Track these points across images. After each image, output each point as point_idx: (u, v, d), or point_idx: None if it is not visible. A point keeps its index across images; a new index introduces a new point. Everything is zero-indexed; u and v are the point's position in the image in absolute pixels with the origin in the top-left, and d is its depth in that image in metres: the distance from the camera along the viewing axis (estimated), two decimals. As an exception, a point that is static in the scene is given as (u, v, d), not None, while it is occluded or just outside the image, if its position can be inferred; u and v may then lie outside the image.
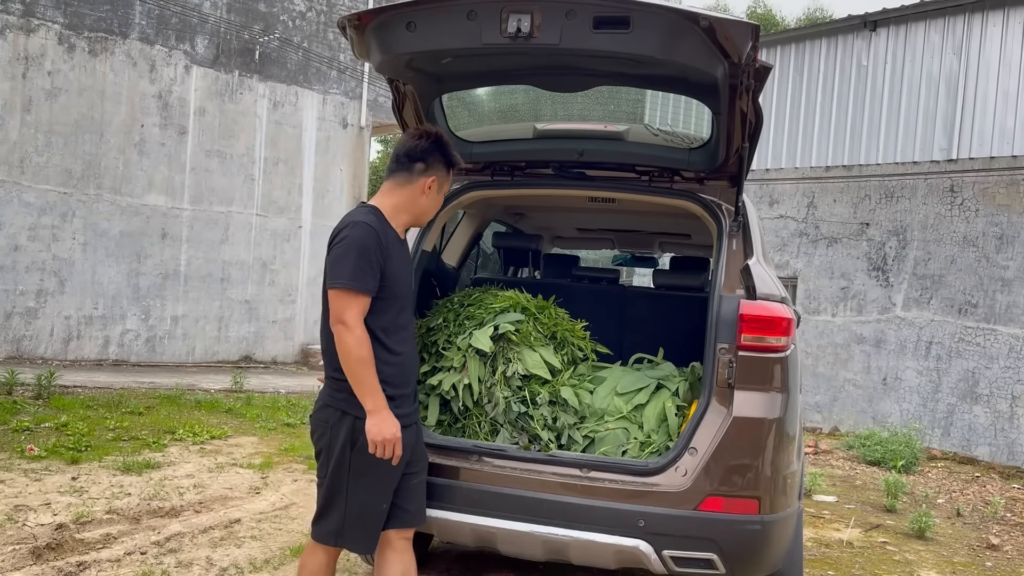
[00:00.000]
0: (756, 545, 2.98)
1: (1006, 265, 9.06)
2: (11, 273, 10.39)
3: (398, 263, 2.81)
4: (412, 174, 2.87)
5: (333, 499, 2.82)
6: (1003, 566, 5.33)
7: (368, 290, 2.69)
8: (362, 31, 3.05)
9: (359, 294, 2.67)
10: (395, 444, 2.70)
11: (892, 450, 8.28)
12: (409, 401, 2.88)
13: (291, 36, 13.32)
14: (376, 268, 2.70)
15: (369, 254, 2.68)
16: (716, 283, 3.20)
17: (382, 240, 2.74)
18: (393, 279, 2.78)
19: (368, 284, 2.69)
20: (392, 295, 2.79)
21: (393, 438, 2.69)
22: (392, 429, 2.69)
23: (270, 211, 13.09)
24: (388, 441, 2.68)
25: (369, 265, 2.68)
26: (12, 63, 10.36)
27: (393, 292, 2.79)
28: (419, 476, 2.99)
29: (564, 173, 3.80)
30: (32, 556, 3.99)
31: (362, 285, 2.67)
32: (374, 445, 2.68)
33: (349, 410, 2.76)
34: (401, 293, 2.84)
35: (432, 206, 2.96)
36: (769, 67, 2.98)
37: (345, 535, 2.82)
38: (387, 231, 2.80)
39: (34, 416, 7.00)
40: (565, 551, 3.07)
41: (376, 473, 2.77)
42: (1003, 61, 9.29)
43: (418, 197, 2.88)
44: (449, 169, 2.95)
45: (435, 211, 3.02)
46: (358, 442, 2.74)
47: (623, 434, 3.37)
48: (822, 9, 29.05)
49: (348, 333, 2.65)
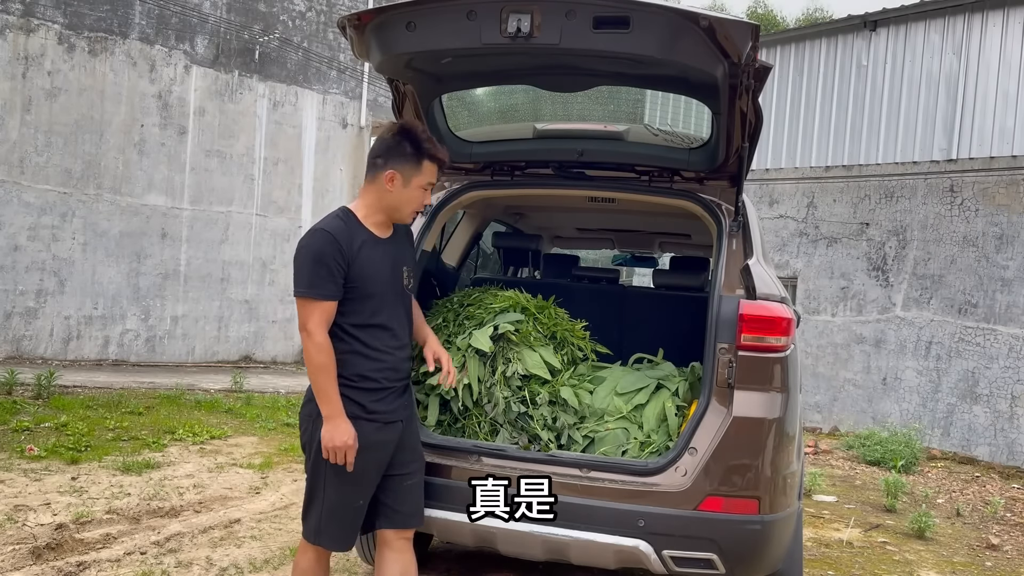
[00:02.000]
0: (756, 545, 2.98)
1: (1006, 265, 9.06)
2: (11, 273, 10.38)
3: (369, 262, 2.78)
4: (375, 171, 2.87)
5: (312, 496, 2.84)
6: (1003, 566, 5.33)
7: (327, 296, 2.70)
8: (362, 31, 3.05)
9: (318, 301, 2.69)
10: (346, 451, 2.70)
11: (892, 450, 8.28)
12: (393, 398, 2.85)
13: (291, 36, 13.32)
14: (336, 272, 2.70)
15: (325, 259, 2.69)
16: (716, 283, 3.20)
17: (342, 243, 2.72)
18: (362, 279, 2.76)
19: (326, 290, 2.70)
20: (363, 295, 2.77)
21: (344, 445, 2.69)
22: (343, 436, 2.69)
23: (270, 211, 13.09)
24: (339, 448, 2.69)
25: (327, 271, 2.69)
26: (12, 63, 10.35)
27: (364, 292, 2.77)
28: (413, 477, 2.96)
29: (564, 173, 3.80)
30: (32, 556, 3.99)
31: (320, 292, 2.69)
32: (325, 451, 2.70)
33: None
34: (374, 292, 2.80)
35: (403, 199, 2.85)
36: (769, 67, 2.98)
37: (323, 532, 2.83)
38: (355, 232, 2.79)
39: (34, 416, 7.00)
40: (565, 551, 3.07)
41: (352, 471, 2.75)
42: (1003, 61, 9.29)
43: (383, 193, 2.84)
44: (420, 160, 2.84)
45: (413, 205, 2.89)
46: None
47: (623, 434, 3.37)
48: (821, 9, 29.06)
49: (309, 340, 2.69)
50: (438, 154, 2.88)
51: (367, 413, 2.77)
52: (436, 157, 2.87)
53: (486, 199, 4.12)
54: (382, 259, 2.84)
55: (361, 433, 2.75)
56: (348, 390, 2.75)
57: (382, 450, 2.82)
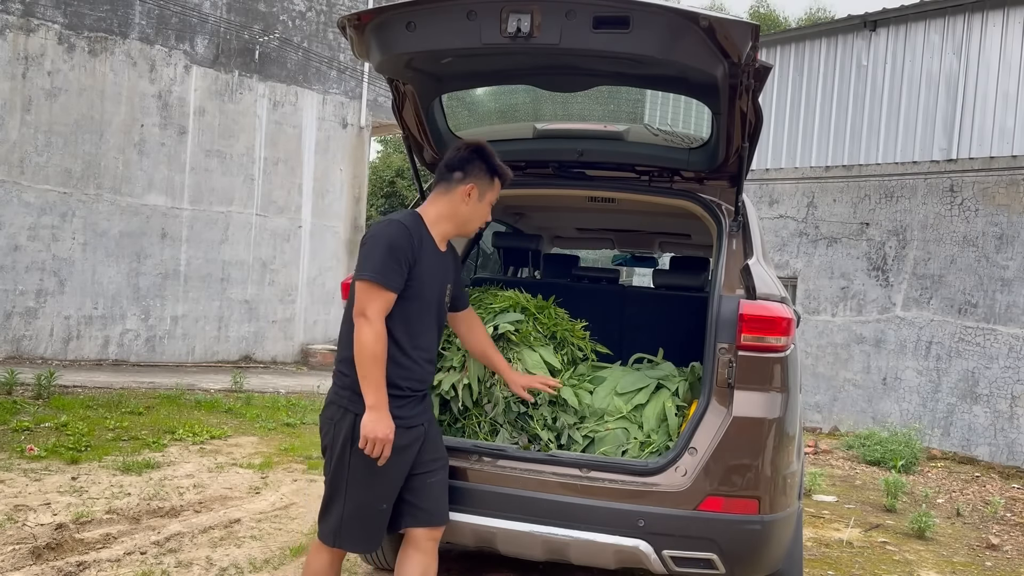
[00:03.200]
0: (756, 545, 2.98)
1: (1006, 265, 9.06)
2: (11, 273, 10.38)
3: (427, 268, 2.84)
4: (451, 183, 2.96)
5: (333, 497, 2.83)
6: (1003, 566, 5.33)
7: (393, 287, 2.73)
8: (362, 31, 3.05)
9: (384, 289, 2.71)
10: (385, 444, 2.71)
11: (892, 450, 8.28)
12: (414, 404, 2.88)
13: (291, 36, 13.32)
14: (404, 267, 2.75)
15: (398, 252, 2.74)
16: (716, 283, 3.20)
17: (414, 239, 2.79)
18: (419, 281, 2.80)
19: (394, 281, 2.73)
20: (414, 296, 2.81)
21: (385, 438, 2.69)
22: (385, 430, 2.70)
23: (270, 211, 13.09)
24: (379, 440, 2.69)
25: (397, 262, 2.73)
26: (12, 63, 10.35)
27: (416, 293, 2.81)
28: (437, 475, 2.98)
29: (564, 173, 3.80)
30: (32, 556, 3.99)
31: (388, 281, 2.72)
32: (364, 440, 2.69)
33: (351, 407, 2.77)
34: (425, 297, 2.85)
35: (475, 214, 2.99)
36: (769, 67, 2.98)
37: (343, 535, 2.83)
38: (423, 235, 2.86)
39: (34, 416, 7.00)
40: (565, 551, 3.07)
41: (376, 472, 2.77)
42: (1003, 61, 9.29)
43: (459, 205, 2.95)
44: (493, 177, 3.00)
45: (480, 220, 3.04)
46: (358, 440, 2.74)
47: (623, 434, 3.37)
48: (824, 9, 29.05)
49: (367, 326, 2.69)
50: (508, 174, 3.04)
51: (392, 418, 2.77)
52: (506, 176, 3.04)
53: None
54: (435, 269, 2.91)
55: None
56: None
57: (406, 452, 2.83)
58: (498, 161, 3.01)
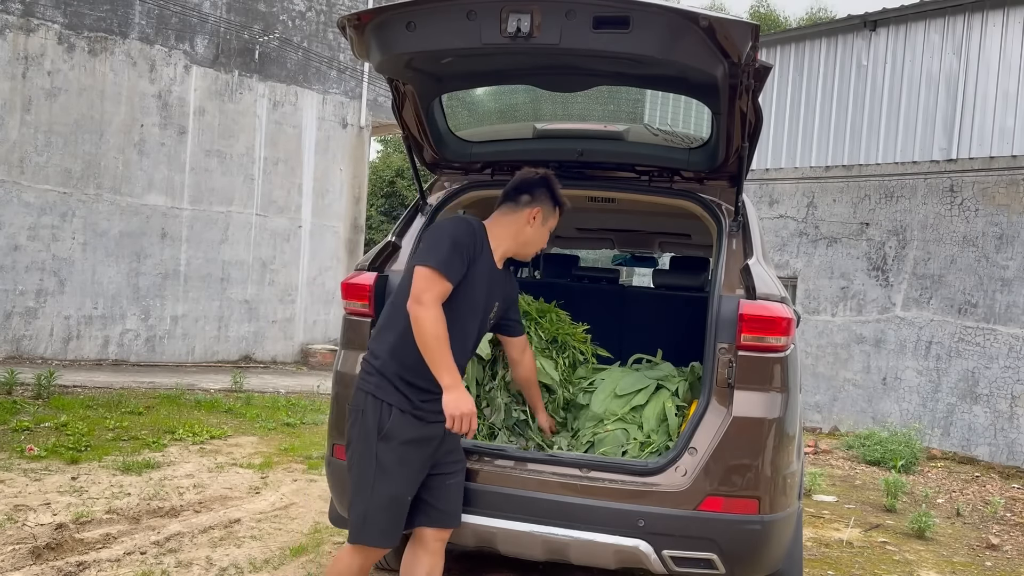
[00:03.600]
0: (756, 545, 2.98)
1: (1006, 265, 9.06)
2: (11, 273, 10.38)
3: (481, 275, 2.90)
4: (518, 205, 3.05)
5: (359, 489, 2.81)
6: (1003, 566, 5.33)
7: (452, 278, 2.77)
8: (362, 31, 3.04)
9: (444, 278, 2.75)
10: (471, 418, 2.76)
11: (892, 450, 8.28)
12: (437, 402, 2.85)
13: (291, 36, 13.32)
14: (465, 260, 2.81)
15: (462, 247, 2.80)
16: (716, 283, 3.20)
17: (477, 240, 2.87)
18: (470, 284, 2.85)
19: (454, 273, 2.77)
20: (461, 297, 2.84)
21: (470, 412, 2.75)
22: (467, 404, 2.76)
23: (270, 211, 13.09)
24: (465, 415, 2.75)
25: (460, 256, 2.79)
26: (12, 63, 10.35)
27: (464, 295, 2.84)
28: (455, 477, 2.99)
29: (564, 173, 3.80)
30: (32, 556, 3.99)
31: (449, 271, 2.76)
32: (451, 419, 2.75)
33: (379, 395, 2.79)
34: (471, 301, 2.89)
35: (537, 238, 3.07)
36: (769, 67, 2.98)
37: (367, 528, 2.81)
38: (485, 243, 2.93)
39: (34, 416, 7.00)
40: (565, 551, 3.07)
41: (404, 463, 2.78)
42: (1003, 61, 9.29)
43: (523, 226, 3.03)
44: (555, 206, 3.09)
45: (540, 244, 3.10)
46: (385, 429, 2.75)
47: (623, 434, 3.38)
48: (825, 9, 29.04)
49: (424, 311, 2.71)
50: (567, 205, 3.16)
51: (414, 409, 2.80)
52: (565, 207, 3.15)
53: (486, 199, 4.11)
54: (489, 280, 2.95)
55: (411, 427, 2.79)
56: (399, 381, 2.79)
57: (429, 445, 2.84)
58: (561, 192, 3.13)
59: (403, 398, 2.79)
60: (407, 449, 2.78)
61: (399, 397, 2.79)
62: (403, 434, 2.78)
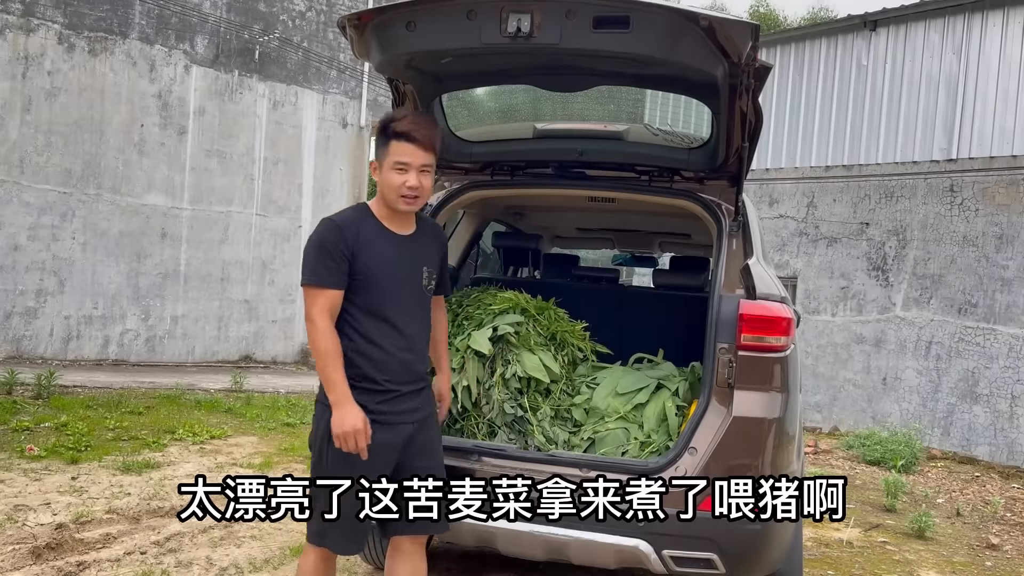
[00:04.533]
0: (756, 545, 2.98)
1: (1006, 265, 9.06)
2: (11, 273, 10.38)
3: (380, 257, 2.76)
4: None
5: (316, 496, 2.78)
6: (1003, 566, 5.33)
7: (331, 284, 2.69)
8: (362, 31, 3.05)
9: (320, 288, 2.69)
10: (357, 437, 2.64)
11: (892, 450, 8.27)
12: (400, 401, 2.79)
13: (291, 36, 13.32)
14: (340, 261, 2.69)
15: (330, 248, 2.69)
16: (716, 283, 3.20)
17: (348, 233, 2.72)
18: (370, 271, 2.73)
19: (330, 279, 2.69)
20: (371, 286, 2.74)
21: (353, 430, 2.63)
22: (352, 422, 2.63)
23: (270, 211, 13.09)
24: (348, 434, 2.64)
25: (331, 259, 2.69)
26: (12, 63, 10.35)
27: (372, 284, 2.74)
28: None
29: (564, 173, 3.80)
30: (32, 556, 3.99)
31: (323, 280, 2.69)
32: (336, 438, 2.67)
33: (327, 402, 2.73)
34: (385, 286, 2.76)
35: (381, 185, 2.79)
36: (769, 67, 2.98)
37: (327, 534, 2.78)
38: (365, 224, 2.78)
39: (34, 416, 7.00)
40: (565, 551, 3.07)
41: (352, 469, 2.70)
42: (1003, 61, 9.29)
43: (377, 183, 2.84)
44: (387, 139, 2.75)
45: (390, 188, 2.75)
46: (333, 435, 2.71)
47: (623, 434, 3.37)
48: (826, 8, 29.01)
49: (312, 327, 2.69)
50: (399, 128, 2.73)
51: (369, 413, 2.71)
52: (399, 132, 2.72)
53: (486, 199, 4.12)
54: (393, 254, 2.80)
55: None
56: (355, 391, 2.71)
57: (383, 452, 2.75)
58: (394, 122, 2.75)
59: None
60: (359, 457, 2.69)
61: None
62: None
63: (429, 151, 2.76)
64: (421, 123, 2.78)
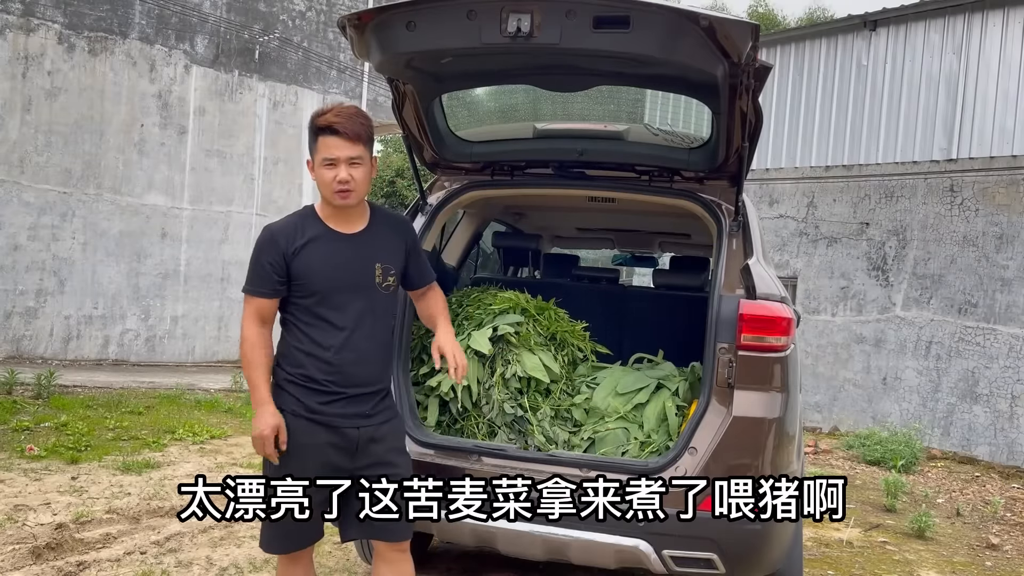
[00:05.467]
0: (756, 545, 2.98)
1: (1006, 265, 9.06)
2: (11, 273, 10.38)
3: (323, 258, 2.71)
4: None
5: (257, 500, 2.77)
6: (1003, 566, 5.33)
7: (261, 293, 2.71)
8: (362, 31, 3.04)
9: (252, 297, 2.73)
10: (266, 441, 2.61)
11: (892, 450, 8.27)
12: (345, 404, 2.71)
13: (291, 36, 13.32)
14: (272, 269, 2.68)
15: (261, 257, 2.71)
16: (716, 283, 3.20)
17: (281, 240, 2.70)
18: (305, 275, 2.69)
19: (261, 287, 2.70)
20: (315, 290, 2.70)
21: (263, 430, 2.60)
22: (263, 423, 2.61)
23: (270, 211, 13.08)
24: (257, 437, 2.62)
25: (262, 268, 2.70)
26: (12, 63, 10.35)
27: (315, 287, 2.70)
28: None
29: (564, 173, 3.80)
30: (32, 556, 3.99)
31: (254, 288, 2.72)
32: (252, 440, 2.69)
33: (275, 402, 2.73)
34: (319, 289, 2.71)
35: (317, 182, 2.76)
36: (769, 67, 2.98)
37: (265, 537, 2.80)
38: (306, 228, 2.74)
39: (34, 416, 7.00)
40: (565, 551, 3.07)
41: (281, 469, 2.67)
42: (1003, 61, 9.29)
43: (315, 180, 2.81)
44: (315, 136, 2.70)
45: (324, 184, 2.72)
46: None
47: (623, 434, 3.37)
48: (823, 9, 29.02)
49: (242, 334, 2.73)
50: (323, 122, 2.68)
51: (306, 411, 2.68)
52: (323, 127, 2.67)
53: (486, 199, 4.11)
54: (336, 254, 2.74)
55: (298, 430, 2.66)
56: (289, 385, 2.69)
57: (316, 452, 2.68)
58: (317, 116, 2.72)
59: (293, 400, 2.68)
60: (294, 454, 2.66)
61: (289, 400, 2.69)
62: (292, 438, 2.66)
63: (357, 143, 2.69)
64: (346, 115, 2.71)
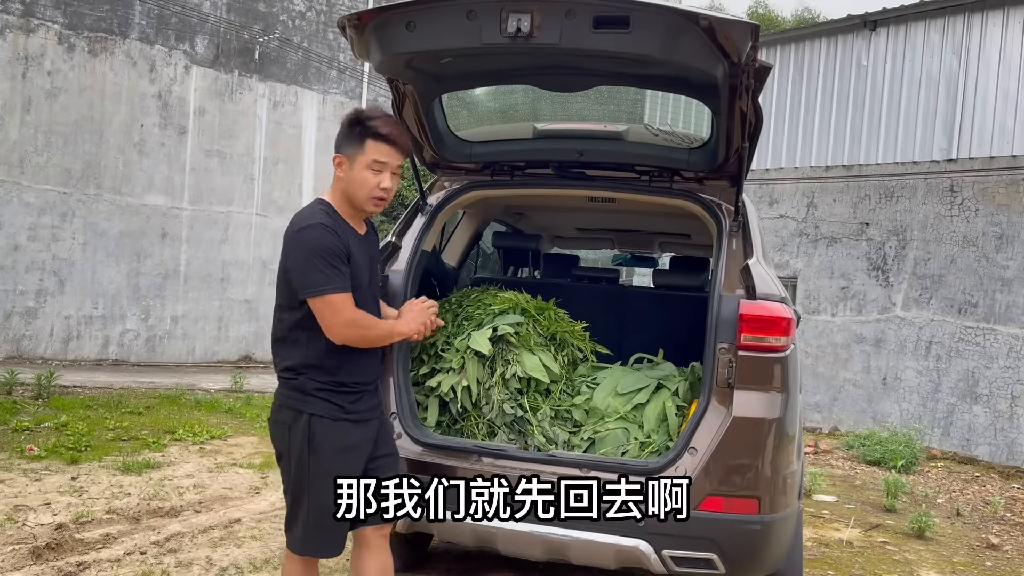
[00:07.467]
0: (756, 545, 2.98)
1: (1006, 265, 9.06)
2: (11, 273, 10.38)
3: (358, 256, 2.76)
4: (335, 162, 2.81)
5: (296, 505, 2.76)
6: (1003, 566, 5.33)
7: (345, 287, 2.66)
8: (362, 31, 3.04)
9: (335, 295, 2.63)
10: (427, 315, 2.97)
11: (892, 450, 8.28)
12: (367, 398, 2.80)
13: (291, 36, 13.32)
14: (344, 262, 2.67)
15: (333, 253, 2.64)
16: (716, 283, 3.20)
17: (340, 236, 2.69)
18: (354, 274, 2.73)
19: (343, 282, 2.66)
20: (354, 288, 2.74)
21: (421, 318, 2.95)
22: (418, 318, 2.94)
23: (270, 211, 13.09)
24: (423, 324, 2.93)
25: (339, 262, 2.65)
26: (12, 63, 10.36)
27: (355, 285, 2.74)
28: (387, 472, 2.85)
29: (564, 173, 3.80)
30: (32, 556, 3.99)
31: (341, 284, 2.64)
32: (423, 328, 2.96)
33: (304, 408, 2.71)
34: (362, 287, 2.77)
35: (351, 182, 2.71)
36: (769, 67, 2.98)
37: (310, 541, 2.75)
38: (342, 225, 2.74)
39: (34, 416, 7.00)
40: (565, 551, 3.07)
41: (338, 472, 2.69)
42: (1003, 61, 9.29)
43: (337, 180, 2.77)
44: (363, 138, 2.67)
45: (362, 187, 2.70)
46: (314, 440, 2.69)
47: (623, 434, 3.37)
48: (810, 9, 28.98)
49: (354, 328, 2.68)
50: (380, 130, 2.67)
51: (346, 413, 2.72)
52: (379, 134, 2.67)
53: (486, 199, 4.11)
54: (362, 255, 2.79)
55: (343, 432, 2.71)
56: (328, 394, 2.71)
57: (362, 449, 2.77)
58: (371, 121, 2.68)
59: (331, 405, 2.71)
60: (342, 457, 2.70)
61: (326, 406, 2.71)
62: (336, 443, 2.70)
63: (405, 155, 2.79)
64: (399, 127, 2.81)
